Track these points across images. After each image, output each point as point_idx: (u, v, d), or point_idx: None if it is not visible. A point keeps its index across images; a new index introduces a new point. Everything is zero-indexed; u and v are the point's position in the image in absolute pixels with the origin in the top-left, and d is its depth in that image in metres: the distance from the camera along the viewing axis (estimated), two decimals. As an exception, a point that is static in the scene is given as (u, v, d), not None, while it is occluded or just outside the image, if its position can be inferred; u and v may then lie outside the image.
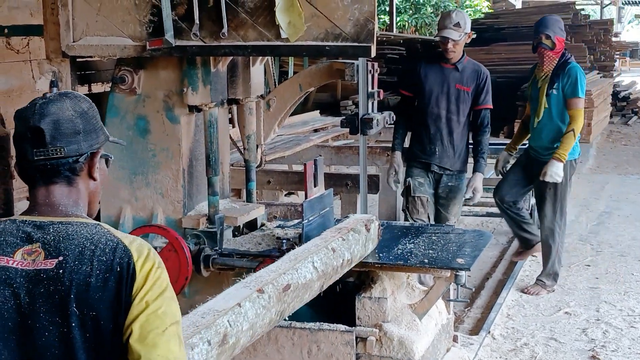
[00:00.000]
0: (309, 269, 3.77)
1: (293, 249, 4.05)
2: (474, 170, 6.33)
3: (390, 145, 6.63)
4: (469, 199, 6.44)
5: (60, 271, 2.13)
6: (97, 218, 4.78)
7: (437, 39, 6.33)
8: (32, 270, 2.14)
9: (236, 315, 3.10)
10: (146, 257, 2.20)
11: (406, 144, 6.67)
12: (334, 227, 4.47)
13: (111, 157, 2.47)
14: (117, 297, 2.14)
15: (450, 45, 6.20)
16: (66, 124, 2.25)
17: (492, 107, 6.42)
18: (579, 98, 6.58)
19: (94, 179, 2.35)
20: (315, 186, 4.95)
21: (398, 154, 6.38)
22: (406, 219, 6.36)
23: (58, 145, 2.23)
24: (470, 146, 6.54)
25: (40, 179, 2.27)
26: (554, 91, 6.59)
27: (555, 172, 6.55)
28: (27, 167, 2.28)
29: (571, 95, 6.56)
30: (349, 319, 4.59)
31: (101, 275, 2.13)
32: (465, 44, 6.27)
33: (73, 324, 2.12)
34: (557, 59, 6.60)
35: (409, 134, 6.62)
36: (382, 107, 5.46)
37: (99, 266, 2.14)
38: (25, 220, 2.24)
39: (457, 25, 6.14)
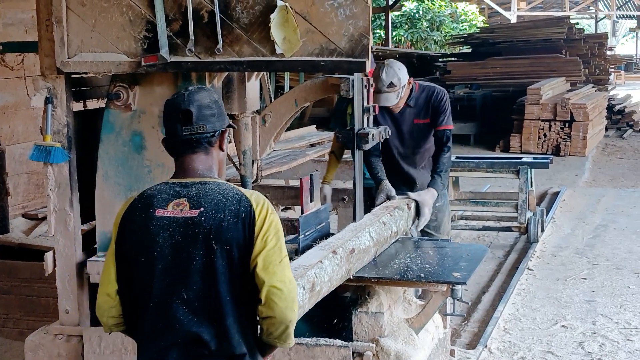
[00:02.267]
0: (367, 237, 4.68)
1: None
2: (428, 186, 5.79)
3: None
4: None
5: (202, 218, 2.93)
6: (93, 234, 4.80)
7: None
8: (181, 218, 2.96)
9: (319, 269, 4.02)
10: (262, 206, 2.99)
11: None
12: (383, 205, 5.37)
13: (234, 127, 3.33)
14: (244, 235, 2.93)
15: (393, 108, 5.82)
16: (206, 108, 3.07)
17: (452, 127, 5.98)
18: None
19: (222, 150, 3.16)
20: (311, 201, 4.95)
21: (386, 182, 5.75)
22: None
23: (201, 124, 3.05)
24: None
25: (185, 150, 3.08)
26: None
27: None
28: (175, 141, 3.09)
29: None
30: (346, 334, 4.58)
31: (231, 220, 2.93)
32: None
33: (213, 255, 2.91)
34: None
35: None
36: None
37: (229, 214, 2.94)
38: (174, 182, 3.08)
39: (391, 85, 5.66)
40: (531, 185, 9.37)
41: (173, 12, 4.37)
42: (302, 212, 4.85)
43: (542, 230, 9.54)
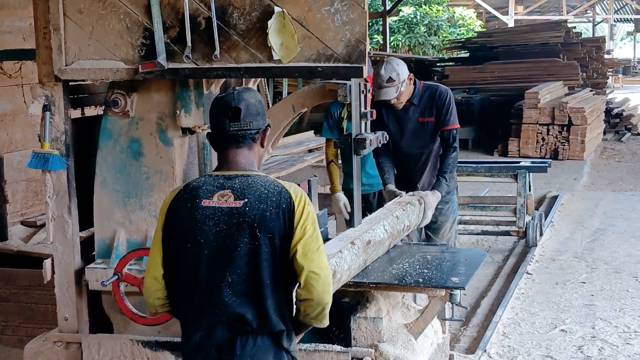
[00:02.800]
0: (382, 230, 4.94)
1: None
2: (432, 188, 5.87)
3: None
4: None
5: (247, 208, 3.20)
6: (91, 241, 4.80)
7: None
8: (226, 207, 3.22)
9: (339, 259, 4.28)
10: (300, 198, 3.27)
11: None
12: (395, 200, 5.59)
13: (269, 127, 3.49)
14: (284, 225, 3.20)
15: (394, 102, 5.90)
16: (252, 107, 3.34)
17: (458, 126, 6.02)
18: None
19: (263, 146, 3.43)
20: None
21: (392, 185, 5.97)
22: None
23: (248, 121, 3.32)
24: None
25: (231, 144, 3.33)
26: None
27: None
28: (222, 136, 3.34)
29: None
30: (345, 340, 4.58)
31: (273, 210, 3.20)
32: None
33: (257, 243, 3.18)
34: None
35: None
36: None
37: (271, 204, 3.21)
38: (218, 175, 3.33)
39: (390, 80, 5.77)
40: (529, 189, 9.37)
41: (170, 19, 4.38)
42: None
43: (541, 234, 9.54)
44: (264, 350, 3.23)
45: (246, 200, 3.22)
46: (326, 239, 4.84)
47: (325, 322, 3.30)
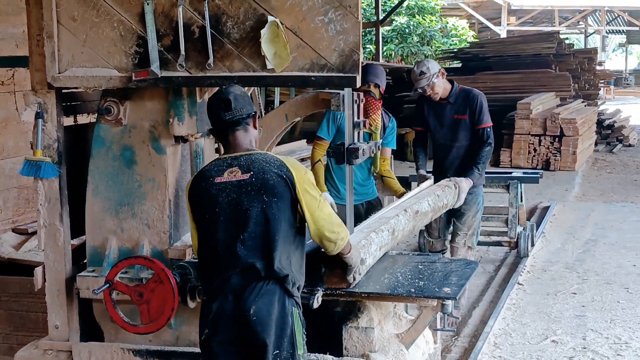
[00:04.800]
0: (426, 204, 5.91)
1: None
2: (465, 175, 6.86)
3: None
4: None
5: (253, 179, 3.87)
6: (83, 249, 4.79)
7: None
8: (235, 180, 3.89)
9: (396, 220, 5.25)
10: (297, 167, 3.94)
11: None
12: (437, 185, 6.60)
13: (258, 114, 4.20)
14: (287, 189, 3.87)
15: (428, 92, 6.98)
16: (240, 97, 3.99)
17: (491, 124, 7.10)
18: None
19: (255, 128, 4.08)
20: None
21: (423, 170, 7.12)
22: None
23: (238, 108, 3.97)
24: None
25: (229, 130, 3.99)
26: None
27: None
28: (221, 126, 4.00)
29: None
30: (336, 349, 4.57)
31: (276, 178, 3.86)
32: (450, 74, 6.48)
33: (264, 206, 3.84)
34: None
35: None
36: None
37: (273, 174, 3.87)
38: (226, 157, 4.00)
39: (422, 74, 6.93)
40: (521, 200, 9.37)
41: (164, 27, 4.38)
42: None
43: (532, 245, 9.54)
44: (270, 292, 3.84)
45: (251, 172, 3.88)
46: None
47: (345, 248, 4.19)
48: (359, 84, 4.30)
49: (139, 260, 4.47)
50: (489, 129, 7.08)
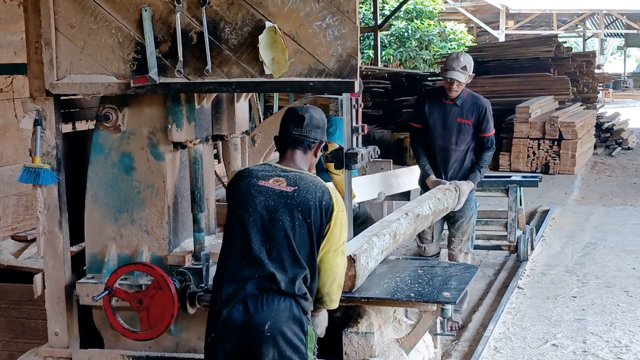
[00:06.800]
0: (427, 207, 5.97)
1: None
2: (467, 179, 6.86)
3: None
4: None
5: (295, 194, 3.91)
6: (82, 255, 4.79)
7: (443, 77, 6.87)
8: (278, 190, 3.92)
9: (398, 224, 5.29)
10: (338, 202, 3.96)
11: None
12: (437, 188, 6.60)
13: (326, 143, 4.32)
14: (321, 218, 3.91)
15: (455, 86, 6.78)
16: (315, 120, 4.08)
17: (494, 131, 7.05)
18: None
19: (315, 156, 4.15)
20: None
21: (433, 176, 6.92)
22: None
23: (308, 129, 4.06)
24: None
25: (290, 145, 4.08)
26: None
27: None
28: (285, 138, 4.09)
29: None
30: (337, 354, 4.57)
31: (316, 202, 3.90)
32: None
33: (296, 222, 3.87)
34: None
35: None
36: (367, 140, 5.52)
37: (315, 197, 3.91)
38: (277, 166, 4.06)
39: (464, 68, 6.72)
40: (520, 204, 9.37)
41: (162, 34, 4.39)
42: None
43: (532, 249, 9.53)
44: (288, 309, 3.82)
45: (296, 187, 3.92)
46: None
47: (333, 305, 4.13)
48: (357, 89, 4.30)
49: (138, 267, 4.47)
50: (492, 137, 7.04)
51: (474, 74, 6.94)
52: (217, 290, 3.94)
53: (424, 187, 7.00)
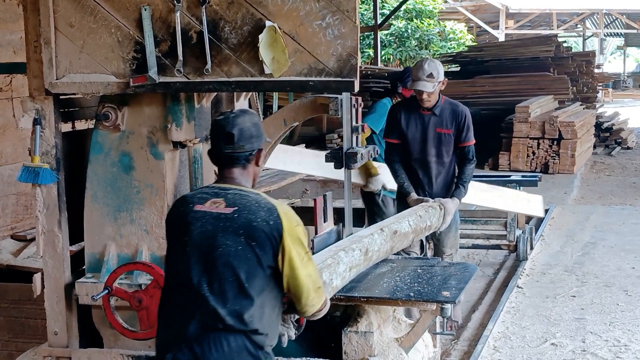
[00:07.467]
0: (407, 224, 5.46)
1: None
2: (451, 196, 6.34)
3: None
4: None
5: (235, 215, 3.41)
6: (81, 255, 4.78)
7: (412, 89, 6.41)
8: (216, 212, 3.44)
9: (371, 239, 4.88)
10: (289, 217, 3.44)
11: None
12: (420, 205, 6.06)
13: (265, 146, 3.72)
14: (270, 238, 3.38)
15: (425, 96, 6.27)
16: (246, 131, 3.57)
17: (474, 141, 6.47)
18: None
19: (258, 165, 3.66)
20: (325, 221, 4.95)
21: (414, 194, 6.35)
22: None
23: (241, 144, 3.56)
24: None
25: (226, 163, 3.59)
26: None
27: None
28: (218, 156, 3.60)
29: None
30: (336, 354, 4.57)
31: (261, 222, 3.39)
32: (449, 77, 6.30)
33: (239, 247, 3.37)
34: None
35: None
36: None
37: (260, 217, 3.40)
38: (214, 186, 3.60)
39: (430, 76, 6.18)
40: (520, 203, 9.37)
41: (161, 33, 4.38)
42: (316, 233, 4.85)
43: (531, 248, 9.54)
44: (239, 349, 3.36)
45: (236, 208, 3.44)
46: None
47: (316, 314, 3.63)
48: (356, 89, 4.29)
49: (137, 266, 4.47)
50: (472, 147, 6.46)
51: (446, 79, 6.38)
52: (158, 331, 3.55)
53: (403, 207, 6.31)
